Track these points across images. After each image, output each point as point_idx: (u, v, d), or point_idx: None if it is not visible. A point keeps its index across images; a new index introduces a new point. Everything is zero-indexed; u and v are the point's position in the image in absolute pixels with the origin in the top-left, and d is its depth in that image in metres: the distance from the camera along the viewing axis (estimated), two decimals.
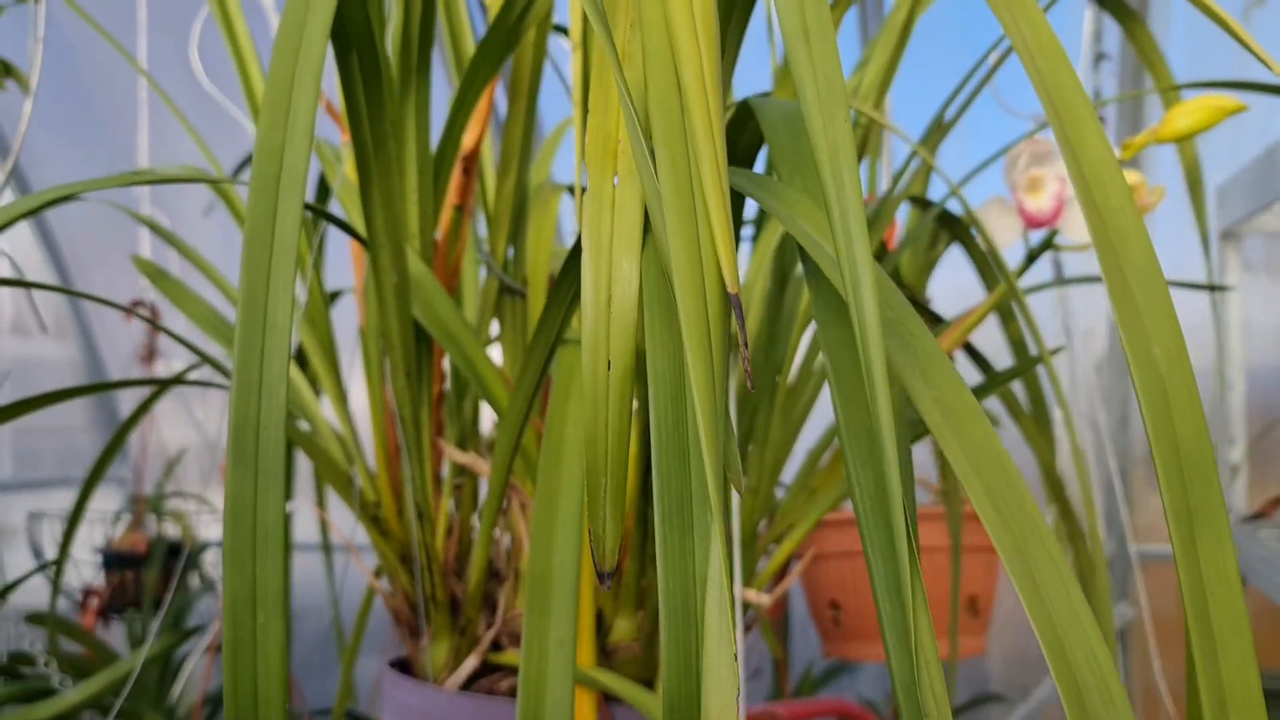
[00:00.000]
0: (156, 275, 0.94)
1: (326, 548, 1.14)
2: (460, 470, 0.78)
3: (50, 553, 1.88)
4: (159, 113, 1.69)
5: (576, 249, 0.54)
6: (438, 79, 0.76)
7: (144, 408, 0.98)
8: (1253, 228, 1.63)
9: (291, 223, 0.39)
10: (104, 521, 1.93)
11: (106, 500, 2.35)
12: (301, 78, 0.38)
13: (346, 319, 0.99)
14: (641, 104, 0.39)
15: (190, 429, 2.41)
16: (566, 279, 0.55)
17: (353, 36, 0.52)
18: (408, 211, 0.68)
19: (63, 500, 2.18)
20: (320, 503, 1.03)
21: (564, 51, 0.97)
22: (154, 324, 1.03)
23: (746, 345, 0.33)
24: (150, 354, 1.90)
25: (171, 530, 1.89)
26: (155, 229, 0.89)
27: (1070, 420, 0.79)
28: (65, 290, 0.91)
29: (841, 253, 0.30)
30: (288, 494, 1.05)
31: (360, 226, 0.73)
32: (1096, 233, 0.35)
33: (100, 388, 0.73)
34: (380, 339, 0.75)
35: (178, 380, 0.84)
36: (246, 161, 1.10)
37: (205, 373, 0.99)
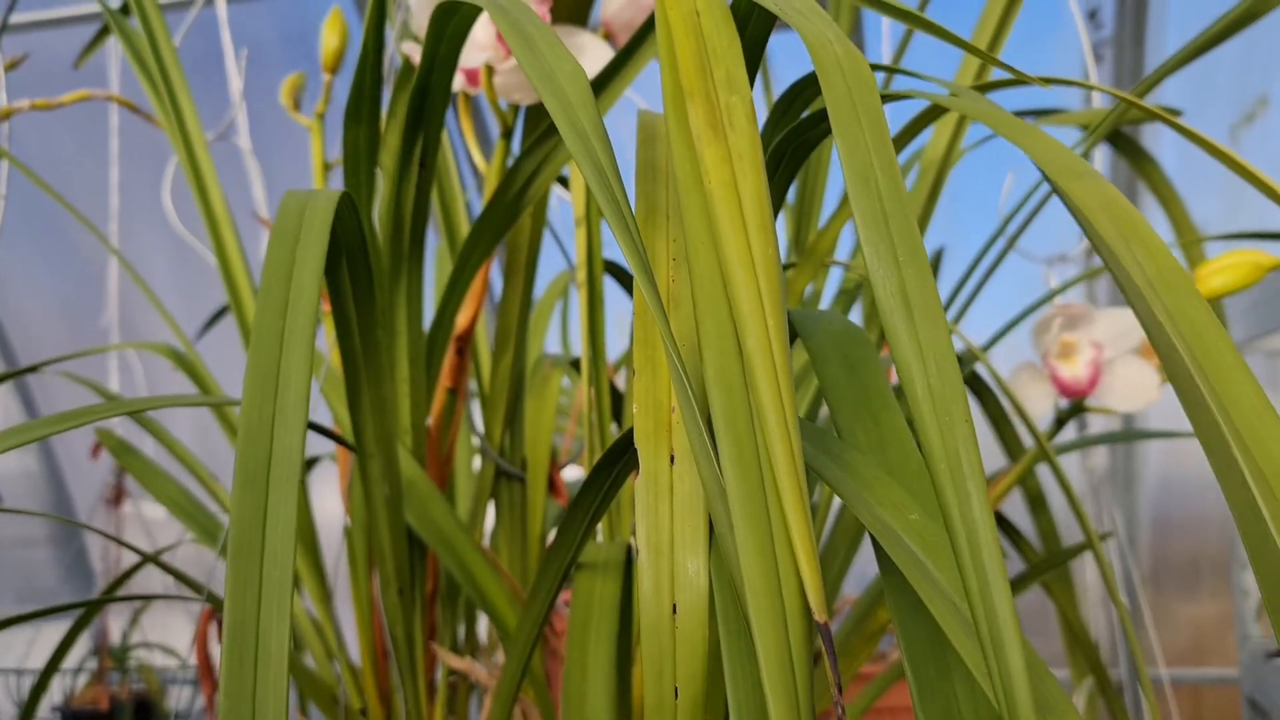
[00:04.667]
0: (123, 452, 0.87)
1: None
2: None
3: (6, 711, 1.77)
4: (130, 236, 1.64)
5: (602, 466, 0.48)
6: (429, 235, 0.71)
7: (115, 585, 0.90)
8: (1252, 347, 1.60)
9: (290, 476, 0.32)
10: (62, 673, 1.82)
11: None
12: (290, 347, 0.32)
13: (325, 491, 0.92)
14: (694, 362, 0.33)
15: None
16: (587, 495, 0.49)
17: (343, 245, 0.47)
18: (399, 406, 0.63)
19: (17, 635, 2.07)
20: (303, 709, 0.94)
21: (563, 200, 0.93)
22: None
23: (840, 690, 0.27)
24: (118, 495, 1.80)
25: (137, 684, 1.77)
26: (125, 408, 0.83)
27: (1112, 583, 0.73)
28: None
29: (975, 602, 0.24)
30: None
31: (345, 424, 0.67)
32: (1267, 501, 0.29)
33: (71, 607, 0.65)
34: (367, 540, 0.69)
35: (156, 596, 0.76)
36: (216, 317, 1.04)
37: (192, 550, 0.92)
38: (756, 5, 0.37)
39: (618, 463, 0.47)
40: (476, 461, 0.76)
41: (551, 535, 1.05)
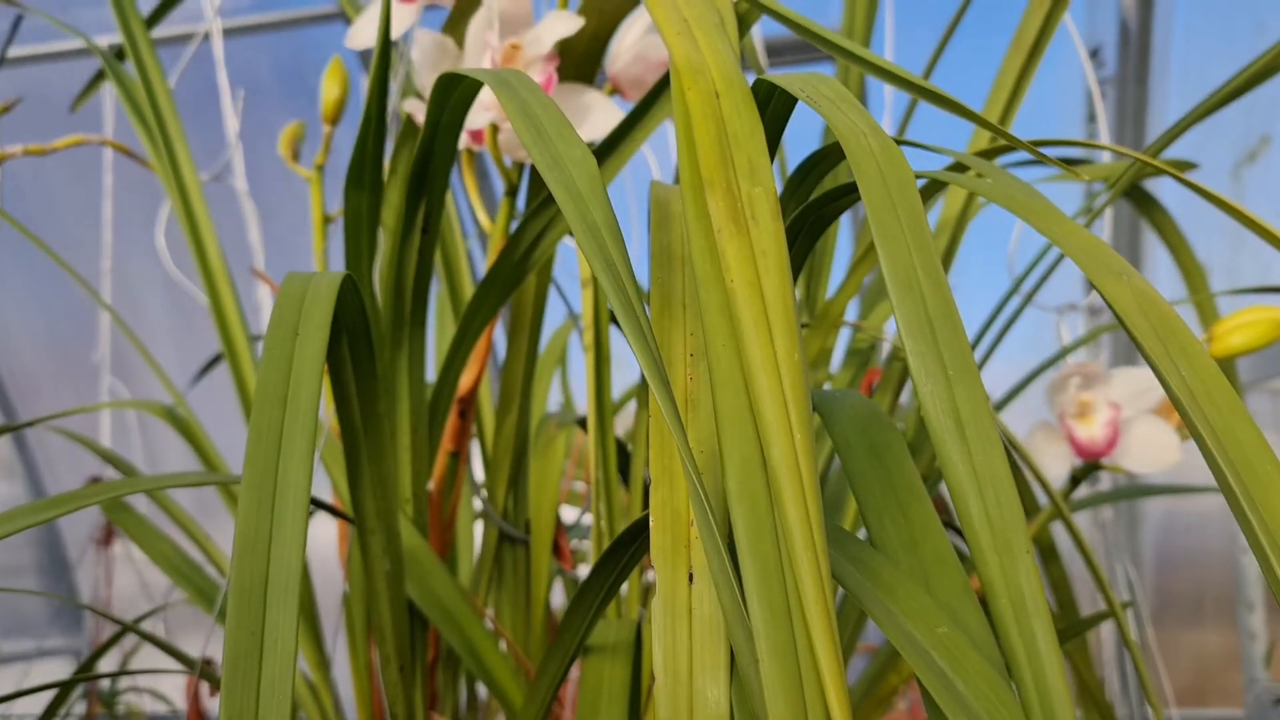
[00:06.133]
0: (115, 508, 0.85)
1: None
2: None
3: None
4: (123, 270, 1.62)
5: (612, 552, 0.46)
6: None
7: (104, 650, 0.87)
8: (1257, 386, 1.59)
9: (288, 592, 0.30)
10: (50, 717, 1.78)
11: (55, 676, 2.20)
12: (289, 453, 0.31)
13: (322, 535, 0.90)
14: (714, 470, 0.31)
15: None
16: (596, 581, 0.47)
17: (344, 324, 0.45)
18: (400, 475, 0.61)
19: (5, 675, 2.05)
20: None
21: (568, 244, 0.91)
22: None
23: None
24: (108, 535, 1.78)
25: None
26: (116, 464, 0.81)
27: (1137, 656, 0.71)
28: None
29: None
30: None
31: (344, 492, 0.66)
32: None
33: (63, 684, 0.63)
34: (366, 610, 0.67)
35: (143, 671, 0.74)
36: (209, 366, 1.03)
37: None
38: (778, 86, 0.36)
39: (628, 548, 0.45)
40: (479, 524, 0.74)
41: (555, 593, 1.03)
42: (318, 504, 0.55)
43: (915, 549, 0.35)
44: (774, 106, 0.38)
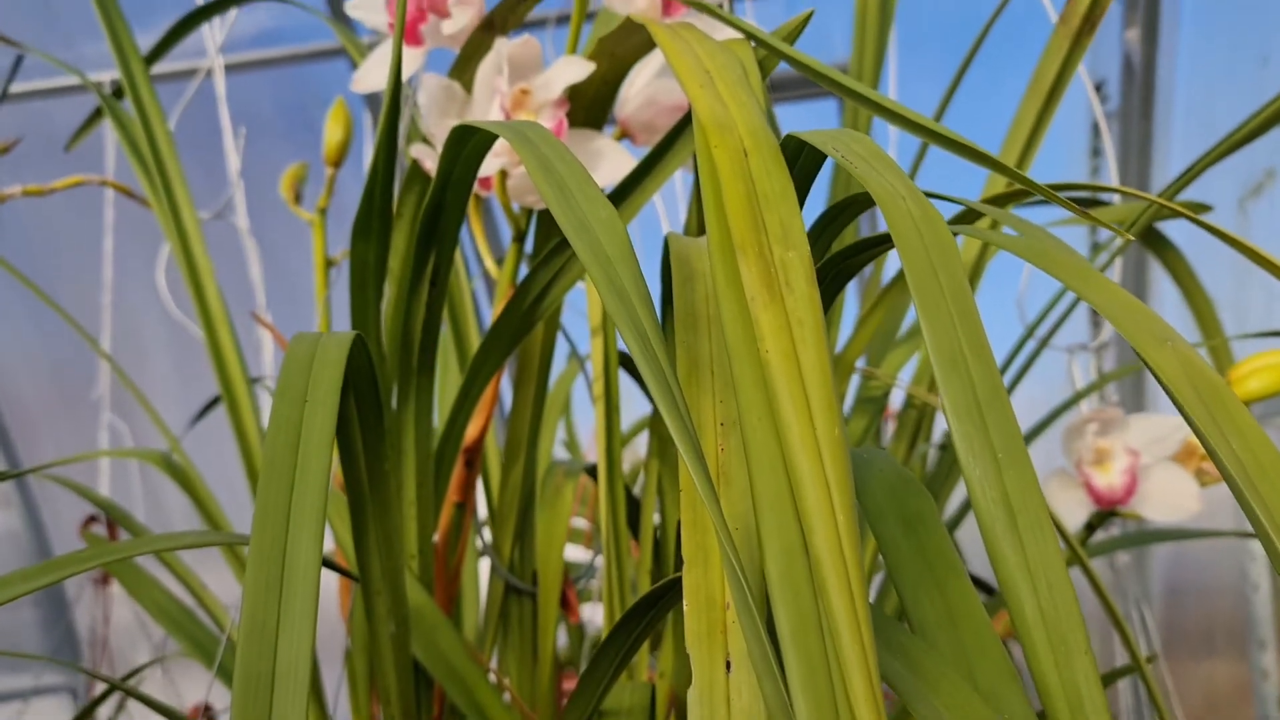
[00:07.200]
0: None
1: None
2: None
3: None
4: (124, 304, 1.60)
5: (628, 618, 0.44)
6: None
7: (99, 703, 0.85)
8: (1267, 421, 1.58)
9: (298, 688, 0.29)
10: None
11: (52, 714, 2.17)
12: (297, 533, 0.29)
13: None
14: (749, 547, 0.30)
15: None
16: (612, 646, 0.45)
17: (351, 382, 0.44)
18: (406, 531, 0.59)
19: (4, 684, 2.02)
20: None
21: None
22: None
23: None
24: (106, 574, 1.75)
25: None
26: (113, 513, 0.79)
27: (1162, 708, 0.69)
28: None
29: None
30: None
31: (347, 545, 0.64)
32: None
33: None
34: (369, 664, 0.65)
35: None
36: (207, 409, 1.01)
37: None
38: (808, 143, 0.34)
39: (645, 615, 0.43)
40: (484, 574, 0.72)
41: (562, 644, 1.01)
42: (324, 564, 0.53)
43: (954, 627, 0.33)
44: (802, 163, 0.37)
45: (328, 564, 0.54)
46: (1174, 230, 1.05)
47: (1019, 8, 0.86)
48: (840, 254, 0.42)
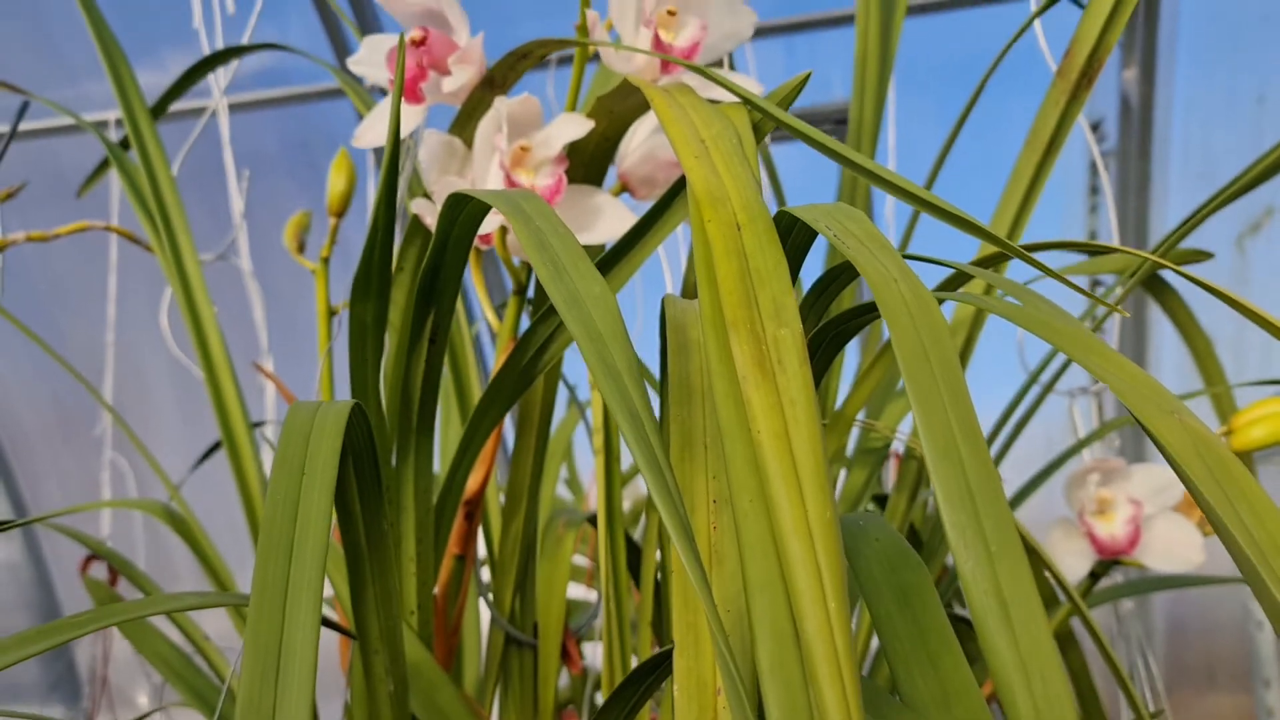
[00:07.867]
0: (110, 602, 0.83)
1: None
2: None
3: None
4: (127, 341, 1.61)
5: (627, 685, 0.44)
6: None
7: None
8: (1267, 460, 1.57)
9: None
10: None
11: None
12: (294, 611, 0.29)
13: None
14: (740, 631, 0.30)
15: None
16: (613, 709, 0.45)
17: (350, 447, 0.44)
18: (405, 587, 0.59)
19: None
20: None
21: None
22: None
23: None
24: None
25: None
26: (114, 560, 0.79)
27: None
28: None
29: None
30: None
31: (345, 599, 0.64)
32: None
33: None
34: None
35: None
36: (208, 454, 1.01)
37: None
38: (800, 220, 0.35)
39: (643, 681, 0.43)
40: (484, 622, 0.72)
41: (563, 683, 1.00)
42: (323, 623, 0.53)
43: (948, 706, 0.33)
44: (795, 238, 0.37)
45: (326, 623, 0.54)
46: (1172, 275, 1.05)
47: (1019, 49, 0.86)
48: (834, 321, 0.42)
